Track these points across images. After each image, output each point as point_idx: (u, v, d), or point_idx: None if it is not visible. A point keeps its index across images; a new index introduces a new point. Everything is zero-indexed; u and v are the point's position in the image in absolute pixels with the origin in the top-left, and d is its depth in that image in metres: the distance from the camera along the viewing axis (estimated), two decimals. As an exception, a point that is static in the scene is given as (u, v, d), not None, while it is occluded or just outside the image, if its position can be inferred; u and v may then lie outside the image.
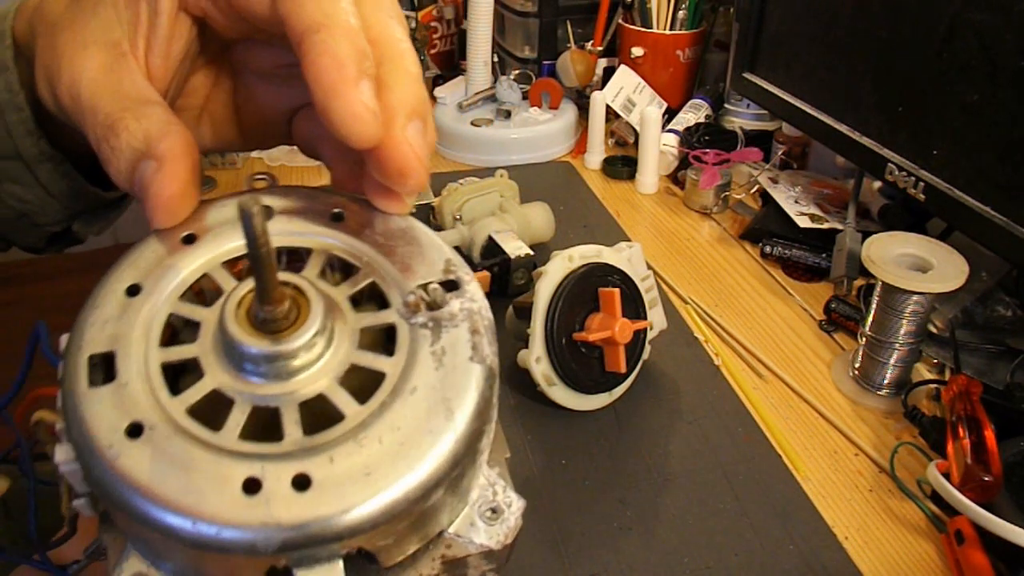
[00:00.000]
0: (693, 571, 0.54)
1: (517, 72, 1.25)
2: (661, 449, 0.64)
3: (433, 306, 0.25)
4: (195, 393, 0.22)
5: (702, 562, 0.55)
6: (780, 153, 1.05)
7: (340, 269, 0.26)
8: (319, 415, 0.22)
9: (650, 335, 0.69)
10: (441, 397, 0.23)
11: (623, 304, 0.64)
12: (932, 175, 0.71)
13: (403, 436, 0.22)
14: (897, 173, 0.75)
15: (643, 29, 1.15)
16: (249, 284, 0.23)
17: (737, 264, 0.90)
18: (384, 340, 0.25)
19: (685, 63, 1.17)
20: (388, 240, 0.26)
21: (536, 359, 0.64)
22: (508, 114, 1.16)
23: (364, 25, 0.26)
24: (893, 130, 0.76)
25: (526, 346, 0.64)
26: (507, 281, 0.79)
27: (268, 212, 0.27)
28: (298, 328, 0.23)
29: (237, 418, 0.22)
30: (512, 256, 0.79)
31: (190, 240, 0.26)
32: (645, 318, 0.67)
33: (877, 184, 0.91)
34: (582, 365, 0.65)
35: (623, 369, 0.64)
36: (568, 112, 1.19)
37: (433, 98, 1.24)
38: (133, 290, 0.24)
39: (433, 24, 1.42)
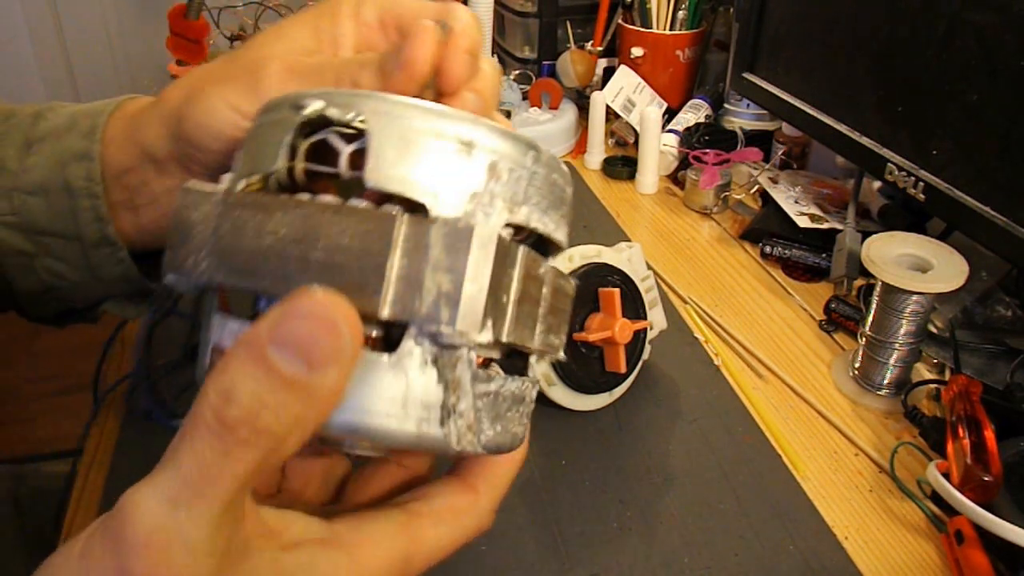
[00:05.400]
0: (693, 571, 0.54)
1: (517, 72, 1.25)
2: (661, 449, 0.64)
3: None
4: None
5: (702, 562, 0.55)
6: (780, 153, 1.05)
7: None
8: None
9: (650, 335, 0.69)
10: None
11: (623, 304, 0.64)
12: (932, 175, 0.71)
13: None
14: (897, 173, 0.75)
15: (643, 29, 1.15)
16: None
17: (737, 264, 0.90)
18: None
19: (685, 63, 1.17)
20: None
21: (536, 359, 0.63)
22: (508, 114, 1.16)
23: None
24: (893, 130, 0.76)
25: (526, 346, 0.64)
26: (507, 281, 0.79)
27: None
28: None
29: None
30: (512, 256, 0.79)
31: None
32: (645, 318, 0.67)
33: (877, 184, 0.91)
34: (582, 365, 0.65)
35: (623, 369, 0.64)
36: (568, 112, 1.19)
37: (433, 98, 1.24)
38: None
39: (433, 24, 1.42)
